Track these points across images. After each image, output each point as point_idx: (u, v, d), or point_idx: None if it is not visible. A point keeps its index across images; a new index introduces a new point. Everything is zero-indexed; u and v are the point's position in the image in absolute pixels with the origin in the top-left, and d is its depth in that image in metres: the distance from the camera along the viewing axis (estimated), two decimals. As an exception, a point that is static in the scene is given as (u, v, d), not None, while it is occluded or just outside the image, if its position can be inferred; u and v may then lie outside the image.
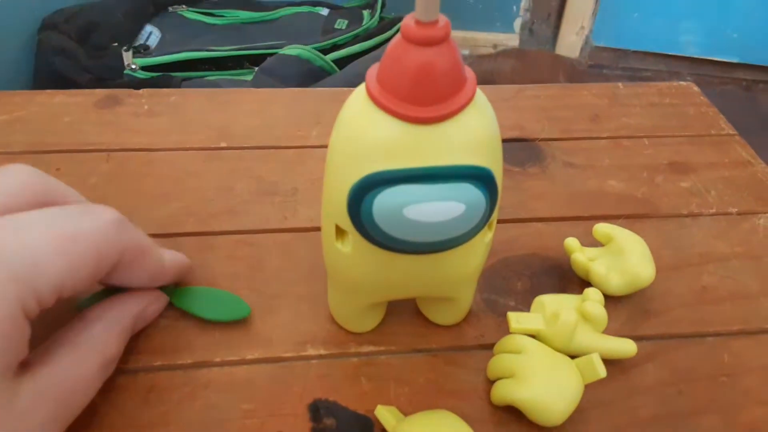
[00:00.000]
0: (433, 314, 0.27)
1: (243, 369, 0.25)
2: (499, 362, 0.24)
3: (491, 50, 1.38)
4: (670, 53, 1.41)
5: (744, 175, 0.36)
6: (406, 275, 0.22)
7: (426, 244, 0.20)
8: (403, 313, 0.27)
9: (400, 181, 0.18)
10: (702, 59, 1.41)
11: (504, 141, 0.38)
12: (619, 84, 0.43)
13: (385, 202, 0.18)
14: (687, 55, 1.41)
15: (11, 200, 0.21)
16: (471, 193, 0.18)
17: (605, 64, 1.39)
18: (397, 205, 0.18)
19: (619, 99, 0.42)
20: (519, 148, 0.38)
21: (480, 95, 0.19)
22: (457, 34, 1.39)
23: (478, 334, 0.27)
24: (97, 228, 0.20)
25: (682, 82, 0.44)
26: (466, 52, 1.37)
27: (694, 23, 1.38)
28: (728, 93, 1.34)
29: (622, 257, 0.28)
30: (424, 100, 0.17)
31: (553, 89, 0.43)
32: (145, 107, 0.39)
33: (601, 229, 0.30)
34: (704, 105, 0.42)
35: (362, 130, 0.18)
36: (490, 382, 0.25)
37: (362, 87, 0.19)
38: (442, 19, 0.17)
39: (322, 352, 0.26)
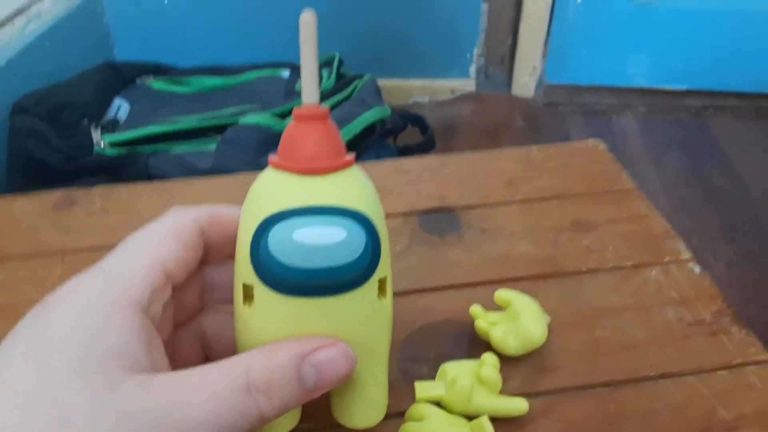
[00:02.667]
0: (347, 414, 0.26)
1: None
2: (406, 430, 0.28)
3: (450, 96, 1.44)
4: (620, 86, 1.48)
5: (640, 229, 0.40)
6: (308, 331, 0.24)
7: (317, 274, 0.22)
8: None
9: (291, 215, 0.22)
10: (652, 90, 1.48)
11: (426, 212, 0.42)
12: (533, 147, 0.48)
13: (278, 231, 0.22)
14: (637, 86, 1.48)
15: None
16: (350, 224, 0.22)
17: (560, 101, 1.45)
18: (287, 231, 0.22)
19: (532, 162, 0.46)
20: (440, 219, 0.41)
21: (359, 170, 0.24)
22: (416, 83, 1.46)
23: (394, 402, 0.30)
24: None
25: (590, 141, 0.48)
26: (425, 99, 1.44)
27: (640, 56, 1.46)
28: (679, 120, 1.40)
29: (518, 320, 0.32)
30: (311, 159, 0.22)
31: (475, 156, 0.47)
32: (98, 206, 0.43)
33: (501, 294, 0.33)
34: (609, 162, 0.46)
35: (264, 188, 0.23)
36: (401, 448, 0.28)
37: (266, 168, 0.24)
38: (322, 106, 0.23)
39: None
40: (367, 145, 0.94)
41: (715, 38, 1.43)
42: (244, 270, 0.23)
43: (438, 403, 0.29)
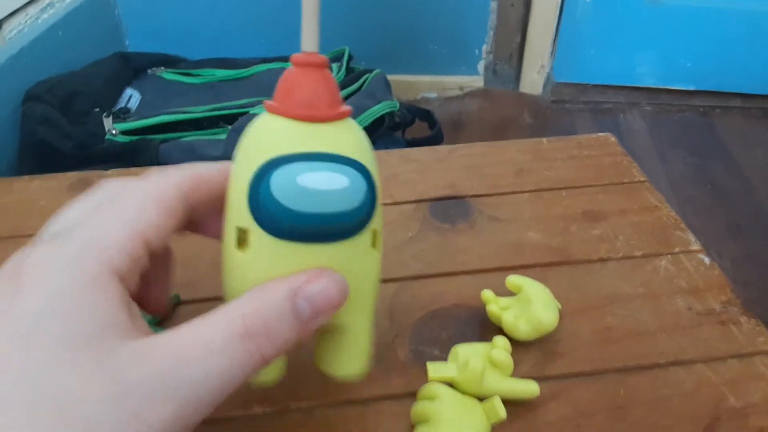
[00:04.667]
0: (332, 363, 0.26)
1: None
2: (418, 409, 0.28)
3: (458, 92, 1.45)
4: (628, 85, 1.49)
5: (650, 220, 0.40)
6: None
7: (318, 219, 0.22)
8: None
9: (294, 160, 0.22)
10: (659, 89, 1.48)
11: (437, 199, 0.42)
12: (543, 139, 0.48)
13: (281, 174, 0.21)
14: (644, 85, 1.49)
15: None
16: (352, 172, 0.22)
17: (567, 99, 1.46)
18: (292, 175, 0.21)
19: (542, 153, 0.46)
20: (451, 206, 0.42)
21: (354, 122, 0.24)
22: (425, 79, 1.46)
23: (406, 382, 0.31)
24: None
25: (600, 134, 0.49)
26: (434, 95, 1.44)
27: (648, 55, 1.46)
28: (686, 120, 1.40)
29: (529, 306, 0.32)
30: (310, 105, 0.22)
31: (484, 147, 0.47)
32: (113, 188, 0.43)
33: (512, 280, 0.33)
34: (620, 154, 0.47)
35: (262, 132, 0.23)
36: (413, 427, 0.28)
37: (261, 113, 0.24)
38: (321, 55, 0.23)
39: (267, 409, 0.29)
40: (376, 138, 0.95)
41: (723, 39, 1.43)
42: (238, 213, 0.22)
43: (450, 384, 0.29)
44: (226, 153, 0.86)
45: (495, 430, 0.28)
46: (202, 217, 0.26)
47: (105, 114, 0.95)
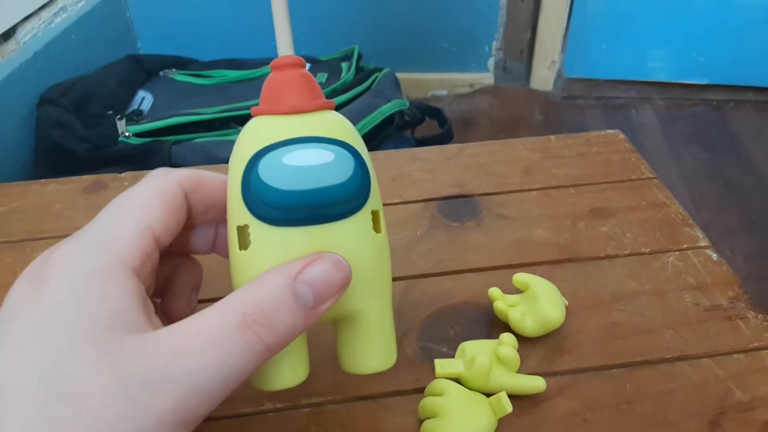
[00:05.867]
0: (354, 359, 0.25)
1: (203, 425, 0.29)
2: (426, 404, 0.29)
3: (468, 89, 1.45)
4: (640, 80, 1.48)
5: (658, 216, 0.40)
6: None
7: (309, 196, 0.22)
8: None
9: (280, 146, 0.22)
10: (671, 83, 1.47)
11: (446, 198, 0.43)
12: (552, 137, 0.48)
13: (268, 159, 0.22)
14: (657, 80, 1.48)
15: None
16: (337, 149, 0.23)
17: (578, 95, 1.45)
18: (278, 157, 0.22)
19: (550, 151, 0.47)
20: (459, 204, 0.42)
21: (339, 114, 0.25)
22: (435, 77, 1.47)
23: (414, 379, 0.31)
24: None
25: (609, 131, 0.49)
26: (444, 92, 1.44)
27: (660, 50, 1.45)
28: (699, 114, 1.39)
29: (536, 303, 0.32)
30: (292, 100, 0.23)
31: (492, 146, 0.48)
32: (127, 190, 0.44)
33: (519, 278, 0.34)
34: (628, 151, 0.47)
35: (251, 132, 0.24)
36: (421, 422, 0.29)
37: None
38: (295, 56, 0.24)
39: (278, 405, 0.30)
40: (386, 137, 0.95)
41: (736, 32, 1.42)
42: (236, 212, 0.23)
43: (457, 380, 0.30)
44: (237, 153, 0.86)
45: (502, 425, 0.28)
46: (215, 232, 0.28)
47: (118, 116, 0.97)
